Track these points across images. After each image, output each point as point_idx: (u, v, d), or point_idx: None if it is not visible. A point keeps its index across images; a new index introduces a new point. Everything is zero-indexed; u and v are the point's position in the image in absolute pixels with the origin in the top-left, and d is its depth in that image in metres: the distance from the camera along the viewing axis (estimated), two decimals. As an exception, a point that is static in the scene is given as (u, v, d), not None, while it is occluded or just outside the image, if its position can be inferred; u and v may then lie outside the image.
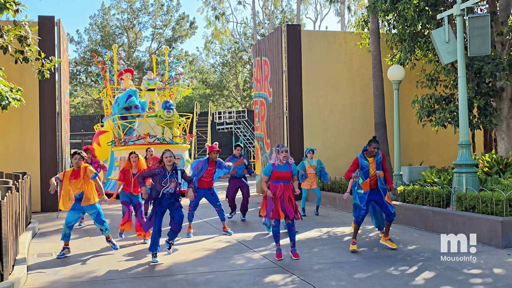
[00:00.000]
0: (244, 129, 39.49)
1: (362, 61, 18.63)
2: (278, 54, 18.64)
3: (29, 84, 15.42)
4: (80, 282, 7.33)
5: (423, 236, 10.33)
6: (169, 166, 8.46)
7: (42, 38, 15.17)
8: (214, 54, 53.43)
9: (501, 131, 13.99)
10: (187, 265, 8.17)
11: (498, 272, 7.36)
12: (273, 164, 8.42)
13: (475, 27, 11.02)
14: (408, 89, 18.17)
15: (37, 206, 15.61)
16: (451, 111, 13.81)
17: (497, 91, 13.91)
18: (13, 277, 7.04)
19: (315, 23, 46.20)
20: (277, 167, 8.39)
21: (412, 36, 15.12)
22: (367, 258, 8.43)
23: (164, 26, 51.29)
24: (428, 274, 7.34)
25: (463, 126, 11.19)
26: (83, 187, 8.94)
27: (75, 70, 49.24)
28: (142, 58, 51.17)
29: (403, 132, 17.89)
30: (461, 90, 11.19)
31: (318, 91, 18.27)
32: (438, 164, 18.34)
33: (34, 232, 11.47)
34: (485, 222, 9.34)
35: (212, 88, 51.95)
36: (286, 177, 8.39)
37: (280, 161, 8.36)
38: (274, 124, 19.15)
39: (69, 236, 9.13)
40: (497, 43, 14.05)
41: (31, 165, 15.66)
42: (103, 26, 49.71)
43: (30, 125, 15.92)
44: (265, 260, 8.48)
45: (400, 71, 14.24)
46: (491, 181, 11.42)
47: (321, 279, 7.17)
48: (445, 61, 11.87)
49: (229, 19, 56.11)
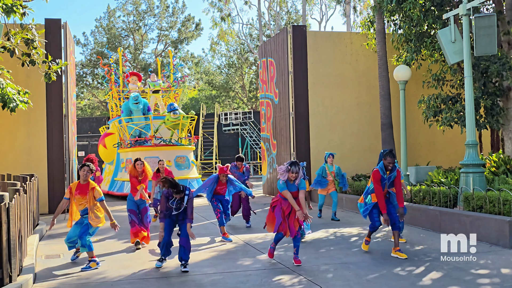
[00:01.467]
0: (251, 130, 39.49)
1: (368, 62, 18.60)
2: (284, 55, 18.65)
3: (36, 86, 15.49)
4: (88, 283, 7.36)
5: (430, 236, 10.30)
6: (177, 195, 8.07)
7: (49, 41, 15.25)
8: (220, 56, 53.49)
9: (508, 131, 13.94)
10: (194, 266, 8.18)
11: (506, 272, 7.34)
12: (285, 182, 8.12)
13: (481, 27, 10.99)
14: (414, 89, 18.14)
15: (44, 208, 15.68)
16: (458, 111, 13.77)
17: (503, 91, 13.86)
18: (21, 278, 7.08)
19: (320, 24, 46.19)
20: (289, 185, 8.13)
21: (418, 36, 15.10)
22: (374, 259, 8.42)
23: (170, 28, 51.36)
24: (436, 274, 7.33)
25: (469, 126, 11.16)
26: (86, 204, 8.44)
27: (81, 73, 49.41)
28: (148, 60, 51.28)
29: (409, 132, 17.85)
30: (467, 90, 11.17)
31: (324, 91, 18.26)
32: (445, 164, 18.29)
33: (41, 234, 11.52)
34: (493, 222, 9.31)
35: (218, 89, 51.98)
36: (294, 196, 8.13)
37: (290, 179, 8.11)
38: (280, 125, 19.16)
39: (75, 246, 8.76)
40: (503, 42, 14.00)
41: (38, 167, 15.74)
42: (109, 29, 49.85)
43: (38, 128, 15.99)
44: (272, 261, 8.48)
45: (406, 71, 14.21)
46: (498, 181, 11.38)
47: (328, 280, 7.17)
48: (451, 61, 11.85)
49: (234, 20, 56.13)
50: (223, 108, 52.73)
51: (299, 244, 8.27)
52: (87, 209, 8.45)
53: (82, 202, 8.43)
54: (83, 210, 8.48)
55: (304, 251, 9.18)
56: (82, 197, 8.41)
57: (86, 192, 8.41)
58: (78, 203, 8.46)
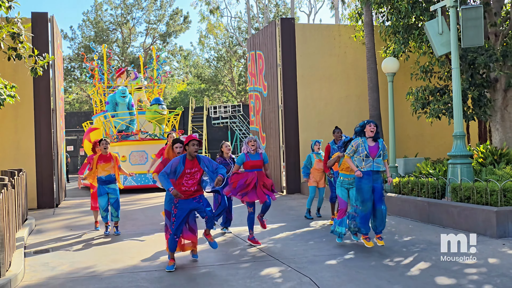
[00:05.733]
0: (240, 124, 39.48)
1: (357, 54, 18.64)
2: (272, 48, 18.63)
3: (23, 81, 15.36)
4: (77, 277, 7.35)
5: (418, 227, 10.38)
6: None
7: (36, 35, 15.11)
8: (209, 49, 53.37)
9: (495, 122, 14.04)
10: (184, 259, 8.19)
11: (493, 262, 7.41)
12: (245, 154, 9.02)
13: (468, 18, 11.04)
14: (402, 81, 18.20)
15: (33, 203, 15.60)
16: (446, 102, 13.85)
17: (491, 82, 13.95)
18: (10, 273, 7.06)
19: (309, 17, 46.19)
20: (249, 156, 9.03)
21: (406, 28, 15.13)
22: (363, 251, 8.47)
23: (158, 21, 51.12)
24: (424, 264, 7.39)
25: (457, 117, 11.23)
26: (111, 170, 10.53)
27: (69, 67, 49.08)
28: (136, 53, 51.03)
29: (398, 124, 17.92)
30: (455, 82, 11.23)
31: (312, 84, 18.27)
32: (433, 156, 18.40)
33: (30, 228, 11.47)
34: (480, 213, 9.39)
35: (207, 83, 51.87)
36: (258, 166, 9.03)
37: (251, 151, 9.03)
38: (269, 118, 19.17)
39: (107, 217, 10.65)
40: (490, 34, 14.08)
41: (26, 162, 15.63)
42: (96, 22, 49.51)
43: (25, 122, 15.88)
44: (261, 253, 8.51)
45: (394, 63, 14.26)
46: (485, 172, 11.48)
47: (317, 271, 7.21)
48: (439, 52, 11.90)
49: (223, 14, 55.93)
50: (212, 102, 52.67)
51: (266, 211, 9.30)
52: (110, 175, 10.51)
53: (107, 168, 10.50)
54: (107, 176, 10.50)
55: (293, 243, 9.23)
56: (106, 163, 10.49)
57: (110, 160, 10.55)
58: (103, 169, 10.49)
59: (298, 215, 12.44)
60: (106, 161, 10.57)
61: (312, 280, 6.75)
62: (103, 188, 10.60)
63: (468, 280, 6.57)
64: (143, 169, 20.01)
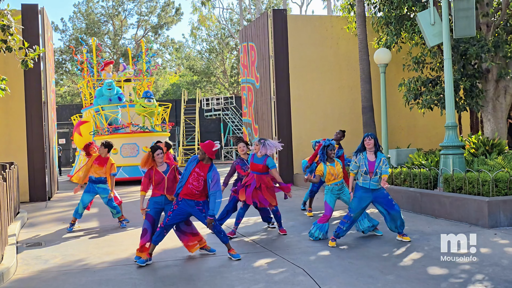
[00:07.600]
0: (232, 115, 39.42)
1: (349, 45, 18.61)
2: (264, 39, 18.58)
3: (14, 73, 15.25)
4: (70, 270, 7.33)
5: (411, 217, 10.42)
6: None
7: (26, 27, 14.99)
8: (201, 41, 53.17)
9: (487, 113, 14.09)
10: (177, 252, 8.19)
11: (484, 252, 7.45)
12: (252, 155, 8.93)
13: (460, 9, 11.05)
14: (394, 72, 18.21)
15: (25, 196, 15.54)
16: (438, 93, 13.88)
17: (482, 73, 13.99)
18: (2, 267, 7.03)
19: (301, 8, 46.03)
20: (254, 158, 8.89)
21: (398, 19, 15.13)
22: (356, 241, 8.50)
23: (150, 13, 50.83)
24: (416, 255, 7.43)
25: (449, 108, 11.26)
26: (103, 175, 10.42)
27: (60, 59, 48.75)
28: (128, 45, 50.76)
29: (390, 115, 17.95)
30: (447, 72, 11.25)
31: (305, 75, 18.25)
32: (426, 147, 18.45)
33: (23, 222, 11.43)
34: (472, 203, 9.44)
35: (199, 74, 51.70)
36: (258, 169, 8.85)
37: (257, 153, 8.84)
38: (262, 109, 19.15)
39: (81, 215, 10.49)
40: (482, 24, 14.10)
41: (18, 155, 15.55)
42: (87, 14, 49.16)
43: (16, 115, 15.78)
44: (255, 245, 8.52)
45: (386, 54, 14.26)
46: (477, 162, 11.53)
47: (310, 262, 7.23)
48: (431, 43, 11.91)
49: (215, 5, 55.74)
50: (205, 94, 52.52)
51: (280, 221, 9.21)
52: (100, 178, 10.41)
53: (99, 171, 10.40)
54: (97, 178, 10.41)
55: (286, 234, 9.24)
56: (100, 167, 10.40)
57: (104, 165, 10.42)
58: (95, 171, 10.41)
59: (292, 206, 12.45)
60: (100, 164, 10.45)
61: (305, 271, 6.77)
62: (92, 187, 10.51)
63: (460, 270, 6.60)
64: (134, 162, 19.99)
